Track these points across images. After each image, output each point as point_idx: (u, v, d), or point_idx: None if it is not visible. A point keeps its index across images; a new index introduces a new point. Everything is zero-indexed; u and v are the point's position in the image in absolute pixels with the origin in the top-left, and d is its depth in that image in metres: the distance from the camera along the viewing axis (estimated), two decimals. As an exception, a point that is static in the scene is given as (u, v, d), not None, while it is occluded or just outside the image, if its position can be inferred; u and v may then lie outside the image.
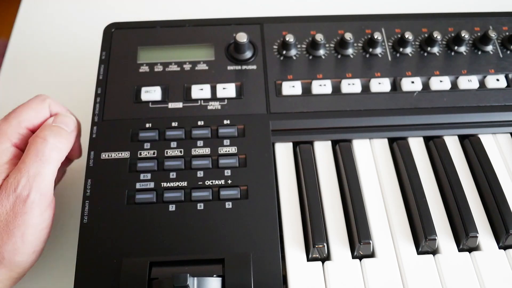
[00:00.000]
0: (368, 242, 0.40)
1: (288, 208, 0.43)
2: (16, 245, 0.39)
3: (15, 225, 0.38)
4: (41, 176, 0.40)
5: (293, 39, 0.49)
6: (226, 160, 0.44)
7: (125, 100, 0.47)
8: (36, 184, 0.40)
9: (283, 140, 0.47)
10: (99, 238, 0.40)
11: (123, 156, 0.44)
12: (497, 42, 0.52)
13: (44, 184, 0.40)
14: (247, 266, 0.38)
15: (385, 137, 0.48)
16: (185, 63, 0.50)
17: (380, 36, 0.50)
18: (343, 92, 0.48)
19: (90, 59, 0.57)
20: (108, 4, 0.69)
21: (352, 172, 0.45)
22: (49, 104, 0.45)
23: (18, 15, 0.67)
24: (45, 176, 0.40)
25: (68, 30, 0.66)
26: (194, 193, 0.42)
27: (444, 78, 0.49)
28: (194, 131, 0.45)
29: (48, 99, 0.45)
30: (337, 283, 0.39)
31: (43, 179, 0.40)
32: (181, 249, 0.40)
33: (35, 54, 0.63)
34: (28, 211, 0.39)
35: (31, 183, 0.39)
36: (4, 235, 0.38)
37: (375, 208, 0.43)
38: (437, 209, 0.43)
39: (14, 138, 0.42)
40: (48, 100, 0.45)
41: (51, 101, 0.45)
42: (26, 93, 0.59)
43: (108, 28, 0.52)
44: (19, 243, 0.39)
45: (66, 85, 0.59)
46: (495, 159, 0.46)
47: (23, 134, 0.43)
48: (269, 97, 0.48)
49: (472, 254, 0.41)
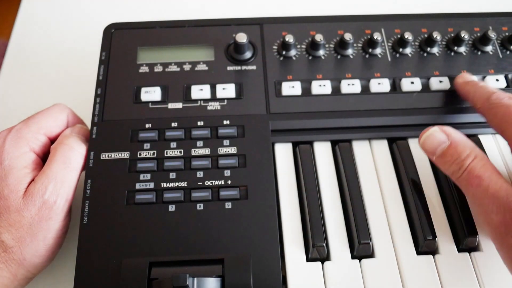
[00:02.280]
0: (368, 243, 0.40)
1: (287, 208, 0.43)
2: (38, 248, 0.40)
3: (39, 229, 0.40)
4: (68, 183, 0.41)
5: (292, 39, 0.49)
6: (225, 161, 0.44)
7: (125, 101, 0.47)
8: (63, 191, 0.41)
9: (283, 140, 0.47)
10: (99, 238, 0.40)
11: (123, 157, 0.44)
12: (496, 43, 0.52)
13: (70, 190, 0.41)
14: (247, 267, 0.38)
15: (385, 137, 0.48)
16: (185, 63, 0.50)
17: (379, 37, 0.50)
18: (342, 92, 0.48)
19: (90, 59, 0.57)
20: (108, 4, 0.69)
21: (352, 172, 0.45)
22: (67, 114, 0.46)
23: (18, 15, 0.67)
24: (70, 183, 0.41)
25: (68, 30, 0.66)
26: (193, 194, 0.42)
27: (444, 78, 0.49)
28: (193, 132, 0.45)
29: (67, 109, 0.46)
30: (337, 283, 0.39)
31: (69, 185, 0.41)
32: (181, 249, 0.40)
33: (35, 54, 0.63)
34: (53, 217, 0.40)
35: (58, 189, 0.40)
36: (28, 237, 0.39)
37: (374, 209, 0.43)
38: (437, 210, 0.43)
39: (32, 143, 0.43)
40: (67, 111, 0.46)
41: (70, 111, 0.47)
42: (26, 93, 0.59)
43: (108, 28, 0.52)
44: (41, 246, 0.40)
45: (66, 85, 0.59)
46: (495, 159, 0.46)
47: (41, 141, 0.44)
48: (269, 97, 0.48)
49: (472, 254, 0.41)
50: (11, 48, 0.64)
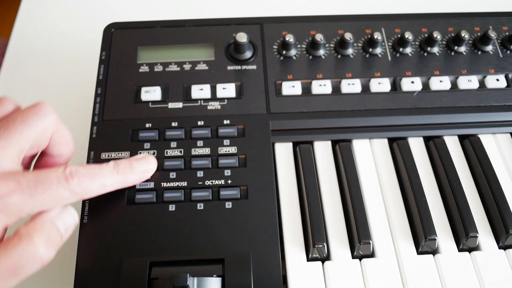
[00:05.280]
0: (368, 242, 0.40)
1: (288, 208, 0.43)
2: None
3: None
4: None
5: (293, 39, 0.49)
6: (226, 160, 0.44)
7: (125, 100, 0.47)
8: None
9: (283, 140, 0.47)
10: (99, 238, 0.40)
11: (123, 156, 0.44)
12: (497, 42, 0.52)
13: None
14: (247, 266, 0.38)
15: (385, 137, 0.48)
16: (185, 63, 0.50)
17: (380, 36, 0.50)
18: (343, 92, 0.48)
19: (90, 59, 0.57)
20: (108, 4, 0.69)
21: (352, 172, 0.45)
22: (52, 122, 0.38)
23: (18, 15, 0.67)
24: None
25: (68, 30, 0.66)
26: (194, 193, 0.42)
27: (444, 78, 0.49)
28: (194, 131, 0.45)
29: (52, 114, 0.38)
30: (337, 283, 0.39)
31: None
32: (181, 249, 0.40)
33: (35, 54, 0.63)
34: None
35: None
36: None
37: (375, 208, 0.43)
38: (437, 209, 0.43)
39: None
40: (52, 116, 0.38)
41: (55, 117, 0.38)
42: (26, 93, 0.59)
43: (108, 28, 0.52)
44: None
45: (66, 85, 0.59)
46: (495, 159, 0.46)
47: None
48: (269, 97, 0.48)
49: (472, 254, 0.41)
50: (11, 48, 0.64)
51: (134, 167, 0.40)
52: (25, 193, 0.33)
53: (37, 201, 0.33)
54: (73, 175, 0.35)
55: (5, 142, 0.35)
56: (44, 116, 0.38)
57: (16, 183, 0.33)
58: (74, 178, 0.35)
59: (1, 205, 0.32)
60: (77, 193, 0.35)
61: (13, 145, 0.35)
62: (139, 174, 0.41)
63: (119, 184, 0.39)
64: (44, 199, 0.34)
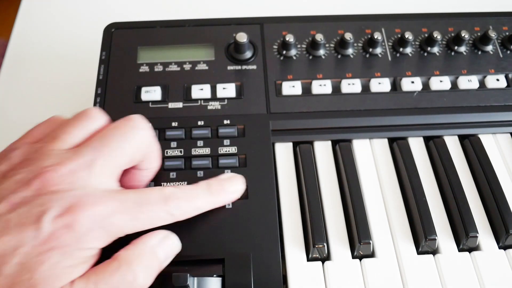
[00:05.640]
0: (368, 242, 0.40)
1: (288, 208, 0.43)
2: None
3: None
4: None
5: (293, 39, 0.49)
6: (226, 160, 0.44)
7: (125, 100, 0.47)
8: None
9: (283, 140, 0.47)
10: (99, 238, 0.40)
11: (123, 156, 0.44)
12: (497, 42, 0.52)
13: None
14: (247, 266, 0.38)
15: (385, 137, 0.48)
16: (185, 63, 0.50)
17: (380, 36, 0.50)
18: (343, 92, 0.48)
19: (90, 59, 0.57)
20: (108, 4, 0.69)
21: (352, 172, 0.45)
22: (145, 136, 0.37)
23: (18, 15, 0.67)
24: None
25: (68, 30, 0.66)
26: (194, 193, 0.42)
27: (444, 78, 0.49)
28: (194, 131, 0.45)
29: (146, 125, 0.37)
30: (337, 283, 0.39)
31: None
32: (181, 248, 0.39)
33: (35, 54, 0.63)
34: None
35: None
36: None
37: (375, 208, 0.43)
38: (437, 209, 0.43)
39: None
40: (147, 128, 0.37)
41: (149, 130, 0.38)
42: (26, 93, 0.59)
43: (108, 28, 0.52)
44: None
45: (66, 85, 0.59)
46: (495, 159, 0.46)
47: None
48: (269, 97, 0.48)
49: (472, 254, 0.41)
50: (11, 48, 0.64)
51: (226, 187, 0.39)
52: (128, 214, 0.33)
53: (137, 222, 0.33)
54: (172, 198, 0.35)
55: (106, 159, 0.34)
56: (140, 130, 0.37)
57: (120, 203, 0.32)
58: (173, 200, 0.35)
59: (105, 225, 0.32)
60: (174, 215, 0.35)
61: (114, 162, 0.35)
62: (230, 194, 0.40)
63: (211, 205, 0.38)
64: (143, 220, 0.34)
